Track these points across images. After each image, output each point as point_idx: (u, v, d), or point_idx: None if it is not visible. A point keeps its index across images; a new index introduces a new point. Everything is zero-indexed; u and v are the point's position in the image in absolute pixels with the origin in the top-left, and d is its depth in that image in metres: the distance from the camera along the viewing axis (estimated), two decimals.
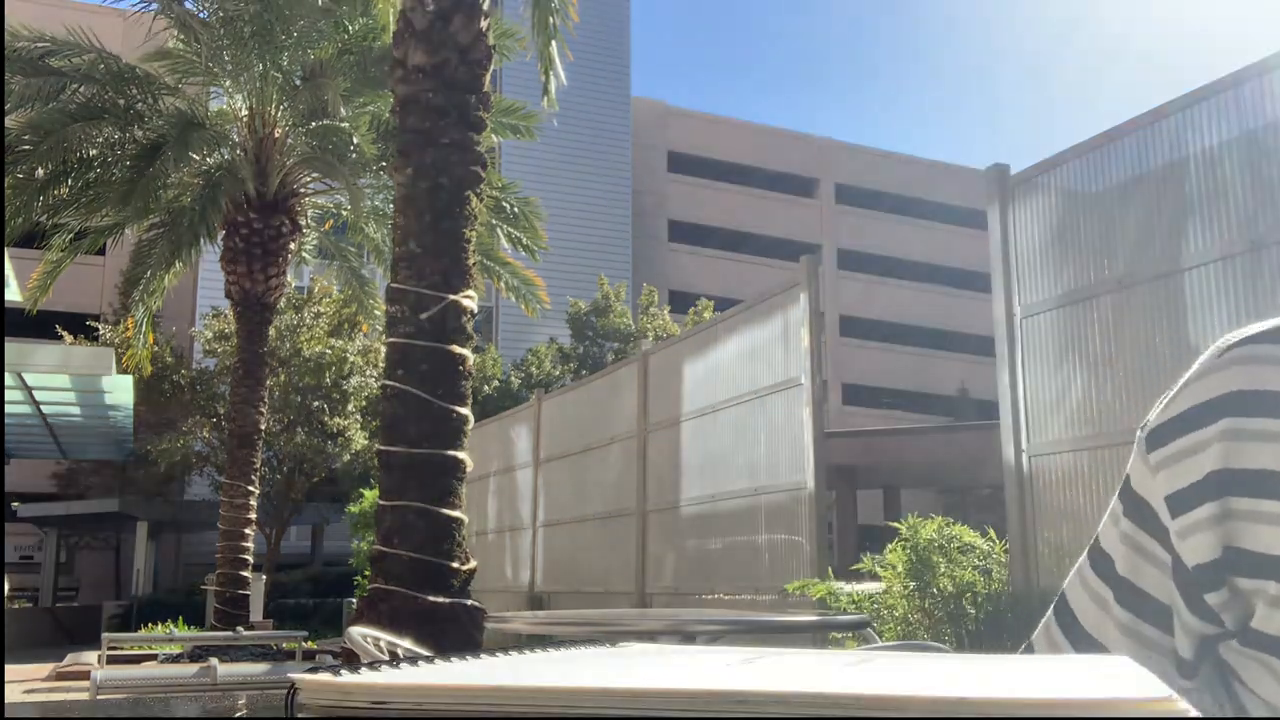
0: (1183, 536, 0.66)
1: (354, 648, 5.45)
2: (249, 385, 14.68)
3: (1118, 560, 0.71)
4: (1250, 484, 0.64)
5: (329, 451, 22.45)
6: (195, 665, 10.38)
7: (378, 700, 0.43)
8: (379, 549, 7.07)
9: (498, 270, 15.35)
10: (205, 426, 23.13)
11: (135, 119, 13.89)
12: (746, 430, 8.92)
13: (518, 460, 14.66)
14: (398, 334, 7.24)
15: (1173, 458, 0.68)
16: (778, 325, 8.66)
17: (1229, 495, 0.65)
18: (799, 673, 0.49)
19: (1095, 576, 0.72)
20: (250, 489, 14.61)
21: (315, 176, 15.23)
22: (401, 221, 7.44)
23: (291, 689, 0.46)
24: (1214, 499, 0.65)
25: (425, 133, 7.40)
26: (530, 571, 13.82)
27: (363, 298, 17.47)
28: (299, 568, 25.46)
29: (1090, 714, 0.38)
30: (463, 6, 7.58)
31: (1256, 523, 0.63)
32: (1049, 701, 0.39)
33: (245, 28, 12.99)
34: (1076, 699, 0.39)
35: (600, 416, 12.25)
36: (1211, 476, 0.65)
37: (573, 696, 0.42)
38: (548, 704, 0.42)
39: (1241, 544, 0.64)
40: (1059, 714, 0.38)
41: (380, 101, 13.37)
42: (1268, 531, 0.63)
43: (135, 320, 15.72)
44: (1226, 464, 0.65)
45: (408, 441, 7.05)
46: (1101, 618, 0.71)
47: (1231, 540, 0.64)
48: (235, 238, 14.64)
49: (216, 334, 22.38)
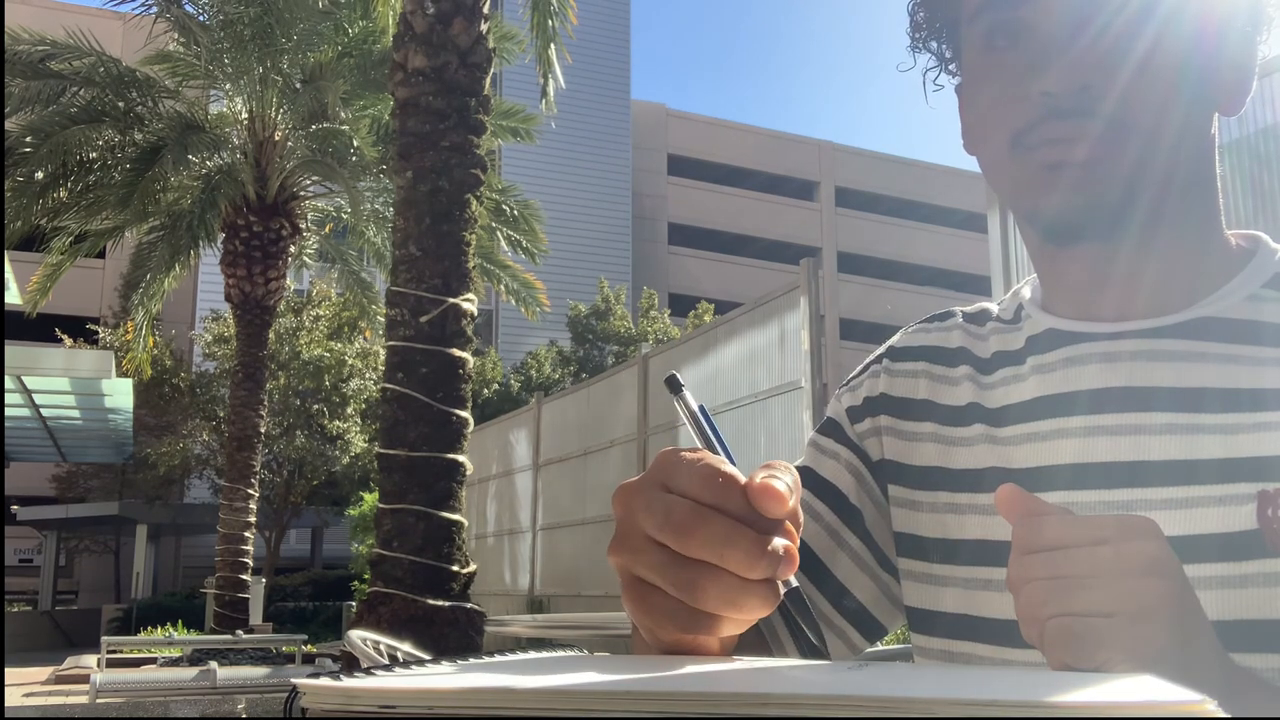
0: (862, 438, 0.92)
1: (354, 651, 5.44)
2: (249, 388, 14.70)
3: (808, 461, 0.94)
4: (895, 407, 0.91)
5: (328, 455, 22.45)
6: (195, 669, 10.37)
7: (384, 704, 0.42)
8: (378, 552, 7.06)
9: (498, 273, 15.36)
10: (205, 429, 23.14)
11: (135, 122, 13.91)
12: (747, 433, 8.92)
13: (517, 463, 14.66)
14: (398, 337, 7.24)
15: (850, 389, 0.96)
16: (777, 328, 8.66)
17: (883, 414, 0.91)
18: (805, 674, 0.48)
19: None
20: (250, 492, 14.62)
21: (315, 179, 15.24)
22: (401, 224, 7.45)
23: (292, 693, 0.45)
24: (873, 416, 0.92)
25: (425, 136, 7.41)
26: (530, 575, 13.81)
27: (363, 301, 17.49)
28: (298, 571, 25.45)
29: (1127, 715, 0.38)
30: (463, 10, 7.58)
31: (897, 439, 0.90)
32: (1086, 705, 0.39)
33: (245, 30, 13.00)
34: (1113, 702, 0.39)
35: (600, 420, 12.25)
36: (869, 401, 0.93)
37: (580, 698, 0.42)
38: (555, 706, 0.42)
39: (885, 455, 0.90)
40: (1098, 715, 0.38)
41: (380, 104, 13.39)
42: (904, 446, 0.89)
43: (135, 323, 15.73)
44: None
45: (407, 445, 7.05)
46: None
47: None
48: (235, 241, 14.66)
49: (216, 337, 22.39)
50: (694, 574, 0.54)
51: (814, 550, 0.89)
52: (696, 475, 0.55)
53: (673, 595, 0.55)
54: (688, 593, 0.54)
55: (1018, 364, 0.85)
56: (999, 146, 0.79)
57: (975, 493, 0.82)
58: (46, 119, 13.13)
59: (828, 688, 0.42)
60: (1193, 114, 0.76)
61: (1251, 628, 0.69)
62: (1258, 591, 0.69)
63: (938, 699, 0.39)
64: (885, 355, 0.94)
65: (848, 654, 0.91)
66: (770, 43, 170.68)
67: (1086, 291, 0.81)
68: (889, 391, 0.91)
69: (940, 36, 0.87)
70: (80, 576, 29.10)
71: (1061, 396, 0.80)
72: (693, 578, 0.54)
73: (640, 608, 0.57)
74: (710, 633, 0.56)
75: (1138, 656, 0.53)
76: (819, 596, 0.89)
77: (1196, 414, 0.74)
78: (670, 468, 0.57)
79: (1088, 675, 0.50)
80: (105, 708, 9.34)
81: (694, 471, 0.56)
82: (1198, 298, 0.79)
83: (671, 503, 0.55)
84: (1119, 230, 0.78)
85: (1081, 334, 0.81)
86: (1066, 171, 0.75)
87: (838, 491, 0.90)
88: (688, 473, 0.56)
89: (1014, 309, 0.89)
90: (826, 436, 0.94)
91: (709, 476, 0.55)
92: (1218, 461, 0.72)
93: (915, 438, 0.88)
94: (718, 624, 0.55)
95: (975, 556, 0.81)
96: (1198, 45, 0.75)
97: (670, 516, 0.54)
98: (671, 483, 0.56)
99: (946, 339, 0.91)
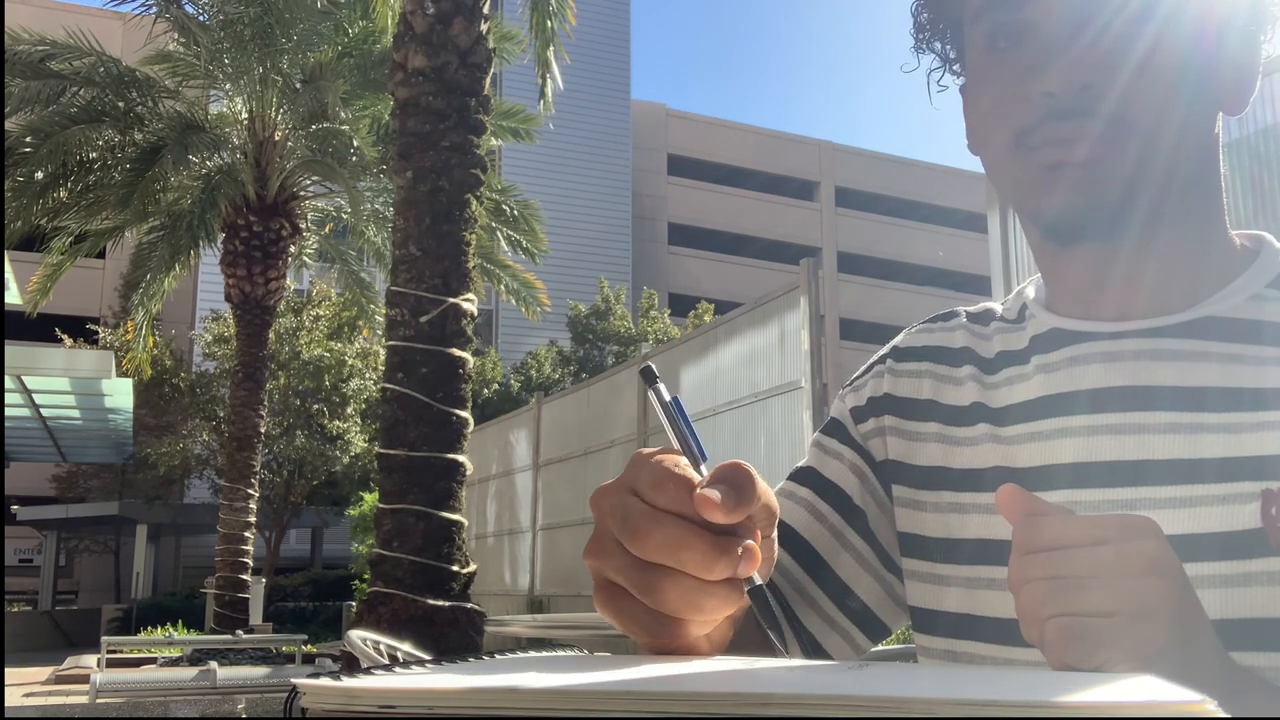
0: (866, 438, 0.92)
1: (354, 651, 5.44)
2: (248, 388, 14.70)
3: (811, 462, 0.94)
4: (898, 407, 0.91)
5: (328, 454, 22.44)
6: (195, 669, 10.37)
7: (385, 704, 0.42)
8: (379, 552, 7.06)
9: (498, 273, 15.36)
10: (205, 429, 23.13)
11: (135, 122, 13.90)
12: (747, 433, 8.92)
13: (517, 463, 14.66)
14: (398, 337, 7.24)
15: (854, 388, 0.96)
16: (777, 328, 8.66)
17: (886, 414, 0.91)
18: (806, 674, 0.48)
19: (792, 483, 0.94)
20: (250, 492, 14.62)
21: (315, 179, 15.24)
22: (401, 224, 7.45)
23: (292, 693, 0.45)
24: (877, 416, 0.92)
25: (425, 136, 7.41)
26: (530, 575, 13.81)
27: (363, 301, 17.48)
28: (298, 571, 25.45)
29: (1127, 715, 0.38)
30: (463, 10, 7.58)
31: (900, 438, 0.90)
32: (1086, 705, 0.39)
33: (245, 30, 13.00)
34: (1113, 702, 0.39)
35: (600, 420, 12.25)
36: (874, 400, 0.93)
37: (580, 698, 0.42)
38: (555, 705, 0.42)
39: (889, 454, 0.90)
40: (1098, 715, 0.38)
41: (380, 104, 13.38)
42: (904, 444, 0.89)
43: (135, 323, 15.72)
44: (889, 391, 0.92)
45: (408, 445, 7.05)
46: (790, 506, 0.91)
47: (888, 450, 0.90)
48: (235, 241, 14.66)
49: (216, 337, 22.38)
50: (653, 577, 0.55)
51: (817, 550, 0.89)
52: (652, 478, 0.57)
53: (636, 598, 0.56)
54: (648, 595, 0.55)
55: (1022, 364, 0.85)
56: (1001, 147, 0.80)
57: (978, 492, 0.82)
58: (46, 119, 13.13)
59: (829, 688, 0.42)
60: (1193, 114, 0.76)
61: (1254, 627, 0.69)
62: (1261, 590, 0.69)
63: (938, 699, 0.39)
64: (889, 355, 0.95)
65: (851, 654, 0.91)
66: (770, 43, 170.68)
67: (1088, 291, 0.82)
68: (893, 392, 0.92)
69: (944, 37, 0.88)
70: (80, 576, 29.10)
71: (1064, 396, 0.80)
72: (652, 580, 0.55)
73: (609, 610, 0.58)
74: (675, 635, 0.57)
75: (1138, 656, 0.53)
76: (822, 596, 0.89)
77: (1199, 413, 0.75)
78: (635, 470, 0.58)
79: (1088, 675, 0.50)
80: (105, 708, 9.34)
81: (650, 474, 0.57)
82: (1200, 297, 0.79)
83: (630, 506, 0.56)
84: (1120, 230, 0.78)
85: (1085, 333, 0.81)
86: (1067, 172, 0.76)
87: (841, 492, 0.91)
88: (646, 475, 0.57)
89: (1018, 308, 0.90)
90: (830, 437, 0.95)
91: (662, 480, 0.56)
92: (1220, 460, 0.73)
93: (919, 438, 0.89)
94: (681, 626, 0.56)
95: (977, 555, 0.81)
96: (1198, 45, 0.75)
97: (627, 521, 0.56)
98: (635, 485, 0.57)
99: (950, 339, 0.92)
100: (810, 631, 0.88)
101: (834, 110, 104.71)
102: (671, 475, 0.56)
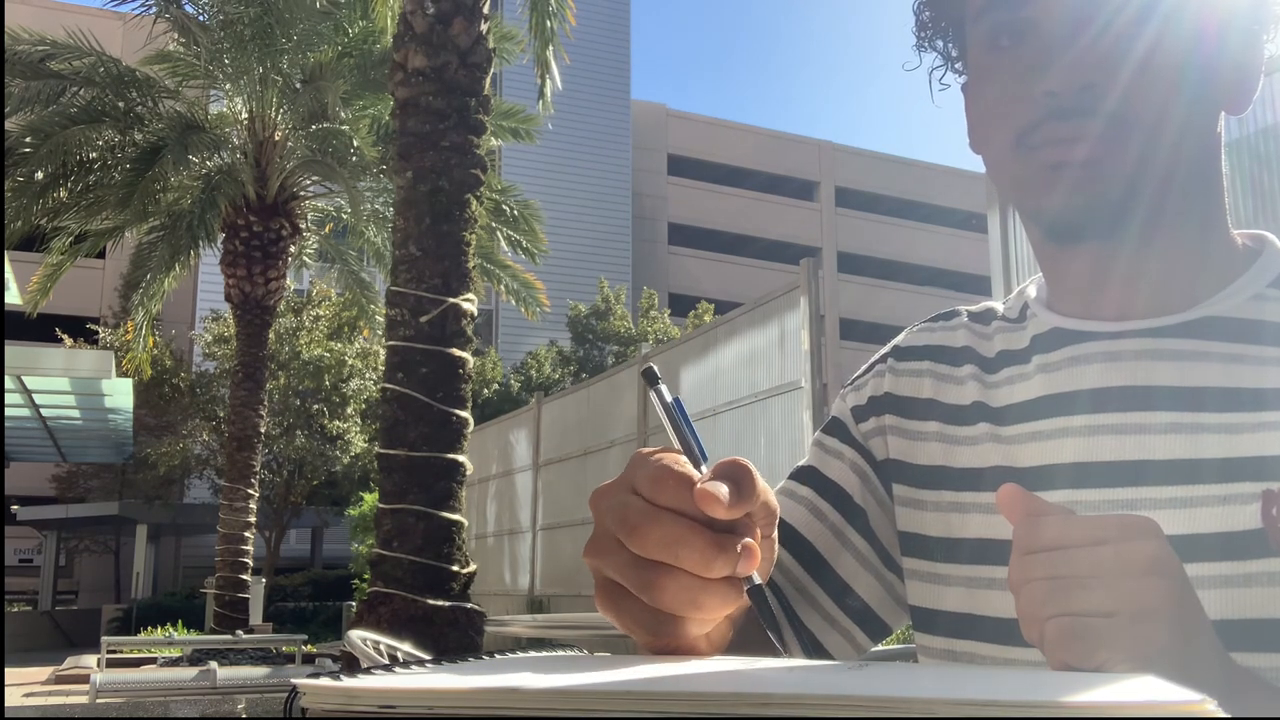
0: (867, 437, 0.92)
1: (354, 651, 5.44)
2: (248, 388, 14.70)
3: (812, 461, 0.94)
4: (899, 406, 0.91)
5: (328, 455, 22.45)
6: (195, 669, 10.37)
7: (384, 704, 0.42)
8: (379, 552, 7.06)
9: (498, 273, 15.36)
10: (205, 429, 23.13)
11: (135, 122, 13.90)
12: (747, 433, 8.92)
13: (517, 463, 14.66)
14: (398, 337, 7.24)
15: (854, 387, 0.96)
16: (777, 328, 8.66)
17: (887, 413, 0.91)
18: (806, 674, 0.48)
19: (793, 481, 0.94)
20: (250, 492, 14.62)
21: (315, 179, 15.24)
22: (401, 224, 7.45)
23: (292, 693, 0.45)
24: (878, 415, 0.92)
25: (425, 136, 7.41)
26: (530, 575, 13.81)
27: (363, 301, 17.48)
28: (298, 571, 25.45)
29: (1127, 715, 0.38)
30: (463, 10, 7.58)
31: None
32: (1086, 705, 0.39)
33: (245, 31, 13.00)
34: (1113, 702, 0.39)
35: (600, 420, 12.25)
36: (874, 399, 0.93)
37: (580, 698, 0.42)
38: (556, 706, 0.42)
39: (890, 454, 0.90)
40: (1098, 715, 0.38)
41: (380, 104, 13.38)
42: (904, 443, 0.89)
43: (135, 323, 15.73)
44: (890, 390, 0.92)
45: (408, 445, 7.05)
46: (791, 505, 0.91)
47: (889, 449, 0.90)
48: (235, 241, 14.66)
49: (216, 337, 22.38)
50: (652, 574, 0.55)
51: (818, 549, 0.89)
52: (651, 476, 0.57)
53: (636, 596, 0.56)
54: (647, 593, 0.55)
55: (1023, 363, 0.85)
56: (1002, 146, 0.80)
57: (979, 491, 0.82)
58: (46, 119, 13.13)
59: (829, 688, 0.42)
60: (1195, 113, 0.76)
61: (1254, 627, 0.69)
62: (1261, 591, 0.69)
63: (938, 699, 0.39)
64: (890, 355, 0.95)
65: (852, 653, 0.91)
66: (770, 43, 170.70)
67: (1089, 290, 0.82)
68: (894, 391, 0.92)
69: (946, 35, 0.88)
70: (80, 576, 29.09)
71: (1065, 395, 0.80)
72: (651, 578, 0.55)
73: (609, 609, 0.58)
74: (675, 633, 0.57)
75: (1138, 656, 0.53)
76: (823, 595, 0.89)
77: (1199, 413, 0.75)
78: (634, 468, 0.58)
79: (1088, 675, 0.50)
80: (105, 708, 9.34)
81: (649, 472, 0.57)
82: (1201, 297, 0.79)
83: (629, 504, 0.56)
84: (1120, 229, 0.78)
85: (1085, 333, 0.81)
86: (1067, 171, 0.75)
87: (842, 491, 0.91)
88: (645, 473, 0.57)
89: (1019, 308, 0.90)
90: (831, 436, 0.95)
91: (661, 477, 0.56)
92: (1220, 461, 0.73)
93: (920, 437, 0.89)
94: (681, 624, 0.56)
95: (978, 555, 0.81)
96: (1199, 44, 0.75)
97: (626, 518, 0.56)
98: (635, 483, 0.57)
99: (951, 338, 0.92)
100: (811, 630, 0.88)
101: (834, 110, 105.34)
102: (671, 472, 0.56)
